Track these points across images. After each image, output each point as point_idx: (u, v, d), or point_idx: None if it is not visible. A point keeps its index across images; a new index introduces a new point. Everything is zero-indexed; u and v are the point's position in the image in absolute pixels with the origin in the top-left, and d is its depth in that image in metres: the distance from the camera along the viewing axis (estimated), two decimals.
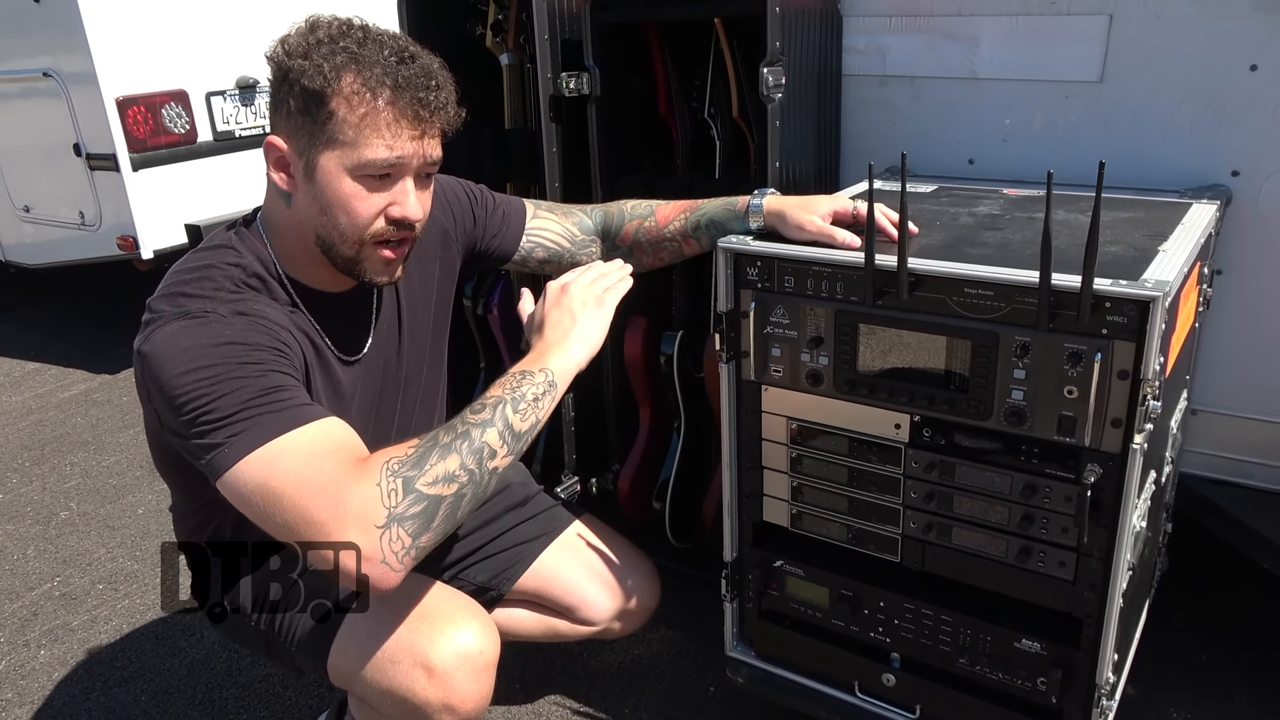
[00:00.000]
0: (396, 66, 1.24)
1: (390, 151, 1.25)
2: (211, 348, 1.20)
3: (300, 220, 1.32)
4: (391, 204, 1.29)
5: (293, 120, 1.26)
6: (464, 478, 1.20)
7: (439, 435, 1.22)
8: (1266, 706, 1.92)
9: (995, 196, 1.77)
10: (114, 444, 3.49)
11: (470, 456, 1.20)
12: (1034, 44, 1.84)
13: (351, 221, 1.28)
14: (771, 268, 1.52)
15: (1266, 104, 1.67)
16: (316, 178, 1.27)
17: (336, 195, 1.27)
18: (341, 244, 1.31)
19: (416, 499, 1.15)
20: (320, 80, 1.22)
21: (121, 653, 2.32)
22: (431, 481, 1.17)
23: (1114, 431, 1.30)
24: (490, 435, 1.23)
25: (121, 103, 3.81)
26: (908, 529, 1.55)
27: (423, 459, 1.18)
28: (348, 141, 1.24)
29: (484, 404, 1.26)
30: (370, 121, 1.23)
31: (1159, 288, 1.21)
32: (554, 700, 2.06)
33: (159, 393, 1.20)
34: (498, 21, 2.20)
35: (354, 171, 1.25)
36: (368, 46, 1.24)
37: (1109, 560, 1.37)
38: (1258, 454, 1.87)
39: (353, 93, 1.22)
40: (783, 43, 1.77)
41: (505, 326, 2.43)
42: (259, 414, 1.17)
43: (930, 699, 1.61)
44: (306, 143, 1.26)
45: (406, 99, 1.24)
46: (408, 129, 1.25)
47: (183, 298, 1.26)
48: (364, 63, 1.23)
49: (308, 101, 1.23)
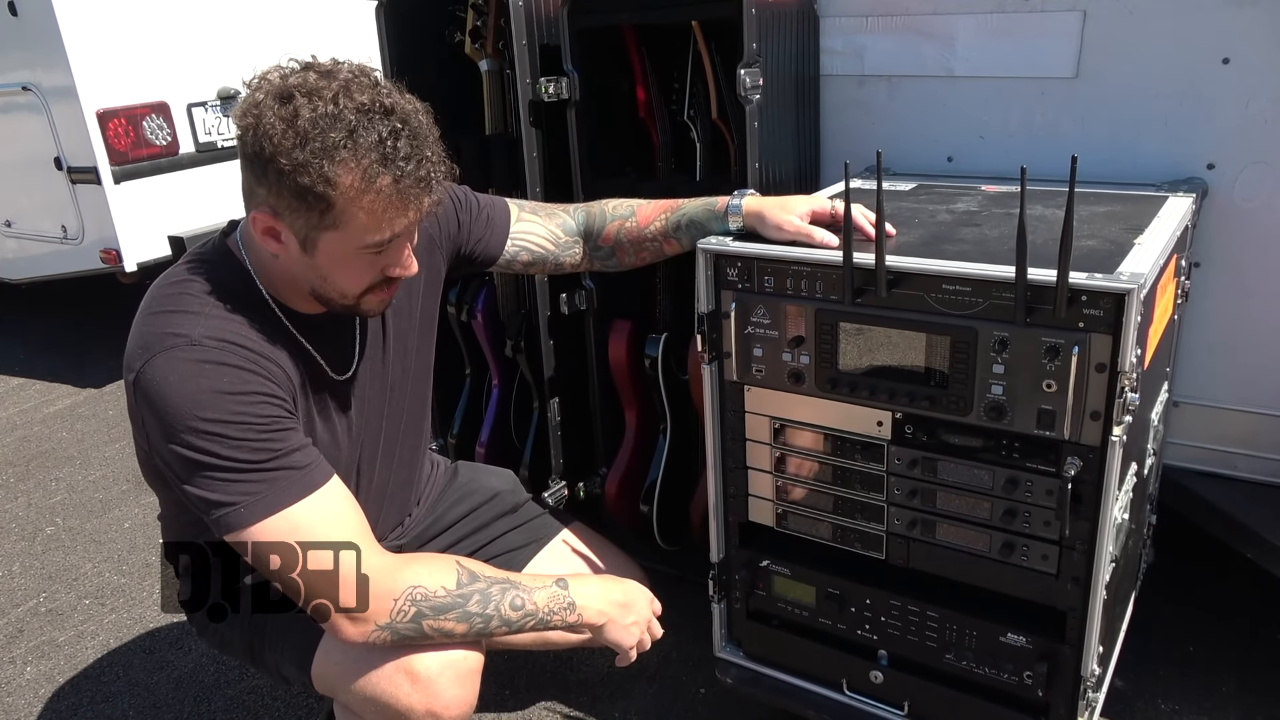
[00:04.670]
0: (392, 147, 1.19)
1: (393, 230, 1.25)
2: (215, 395, 1.22)
3: (290, 270, 1.31)
4: (389, 265, 1.32)
5: (285, 202, 1.21)
6: (459, 636, 1.37)
7: (470, 602, 1.36)
8: (1254, 697, 1.93)
9: (974, 193, 1.78)
10: (99, 458, 3.47)
11: (475, 630, 1.37)
12: (1009, 41, 1.85)
13: (352, 285, 1.31)
14: (751, 268, 1.52)
15: (1239, 97, 1.68)
16: (317, 253, 1.26)
17: (339, 267, 1.28)
18: (340, 299, 1.33)
19: (416, 630, 1.32)
20: (320, 182, 1.17)
21: (109, 667, 2.30)
22: (437, 627, 1.34)
23: (1093, 424, 1.31)
24: (500, 632, 1.39)
25: (102, 115, 3.79)
26: (892, 526, 1.55)
27: (443, 610, 1.34)
28: (347, 227, 1.23)
29: (523, 605, 1.40)
30: (371, 208, 1.21)
31: (1134, 280, 1.22)
32: (545, 706, 2.06)
33: (159, 433, 1.23)
34: (476, 28, 2.20)
35: (359, 250, 1.26)
36: (358, 132, 1.17)
37: (1091, 553, 1.38)
38: (1240, 444, 1.88)
39: (354, 188, 1.19)
40: (760, 44, 1.77)
41: (490, 332, 2.42)
42: (270, 478, 1.24)
43: (918, 695, 1.61)
44: (304, 224, 1.23)
45: (407, 183, 1.21)
46: (408, 213, 1.25)
47: (171, 315, 1.26)
48: (359, 152, 1.17)
49: (304, 195, 1.19)
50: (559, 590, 1.44)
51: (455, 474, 1.85)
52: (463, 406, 2.60)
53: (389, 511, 1.65)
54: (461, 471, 1.86)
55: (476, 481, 1.84)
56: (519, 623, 1.40)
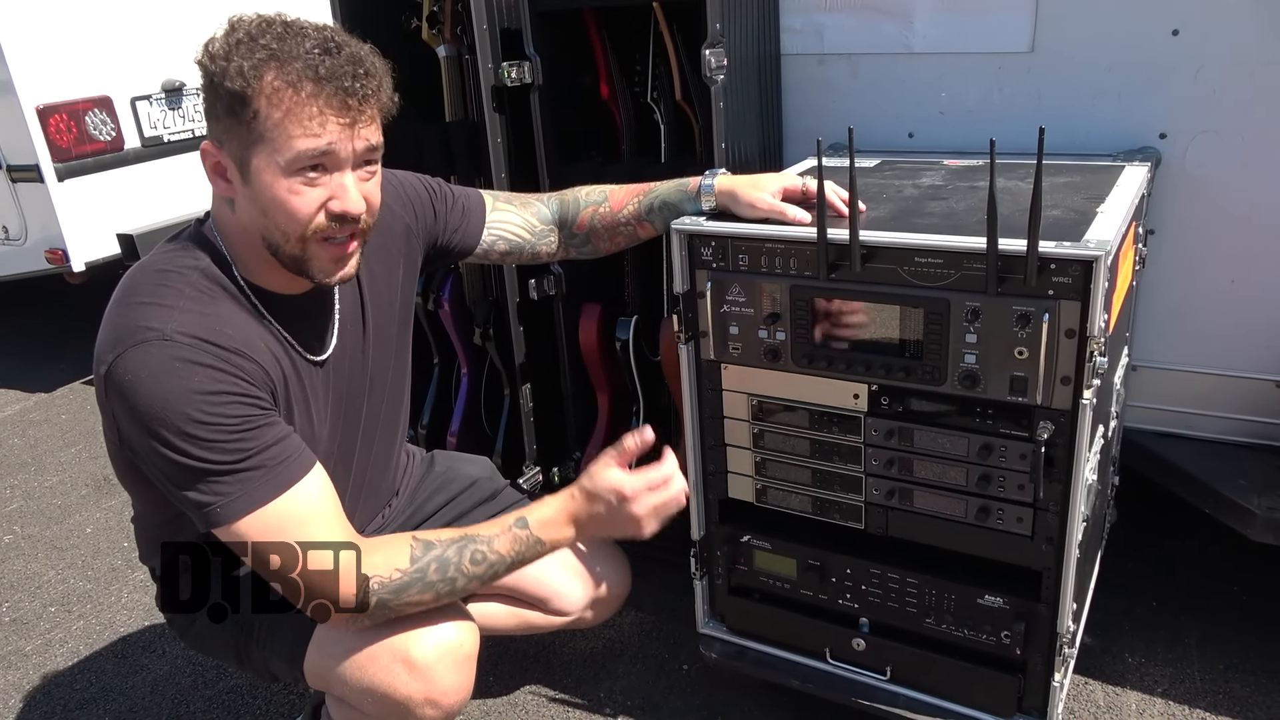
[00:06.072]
0: (320, 57, 1.21)
1: (318, 140, 1.22)
2: (186, 394, 1.20)
3: (246, 225, 1.30)
4: (330, 199, 1.26)
5: (222, 124, 1.24)
6: (431, 603, 1.36)
7: (429, 573, 1.33)
8: (1215, 648, 2.01)
9: (937, 168, 1.82)
10: (55, 464, 3.39)
11: (445, 594, 1.36)
12: (965, 17, 1.88)
13: (291, 220, 1.25)
14: (726, 247, 1.54)
15: (1188, 68, 1.73)
16: (252, 180, 1.24)
17: (274, 195, 1.24)
18: (285, 244, 1.28)
19: (384, 616, 1.33)
20: (241, 81, 1.19)
21: (81, 674, 2.26)
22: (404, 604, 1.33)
23: (1064, 389, 1.35)
24: (471, 584, 1.37)
25: (42, 111, 3.68)
26: (870, 496, 1.59)
27: (403, 589, 1.32)
28: (275, 138, 1.21)
29: (484, 557, 1.37)
30: (294, 115, 1.20)
31: (1100, 247, 1.25)
32: (530, 690, 2.06)
33: (132, 427, 1.22)
34: (433, 13, 2.18)
35: (287, 168, 1.23)
36: (288, 41, 1.21)
37: (1064, 513, 1.42)
38: (1195, 405, 1.95)
39: (274, 90, 1.19)
40: (723, 24, 1.78)
41: (457, 321, 2.41)
42: (241, 479, 1.23)
43: (900, 660, 1.65)
44: (238, 145, 1.23)
45: (331, 88, 1.21)
46: (335, 117, 1.22)
47: (144, 306, 1.24)
48: (284, 57, 1.20)
49: (233, 104, 1.21)
50: (519, 531, 1.40)
51: (432, 463, 1.85)
52: (432, 396, 2.58)
53: (368, 501, 1.64)
54: (438, 461, 1.86)
55: (454, 470, 1.84)
56: (487, 574, 1.38)
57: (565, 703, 2.02)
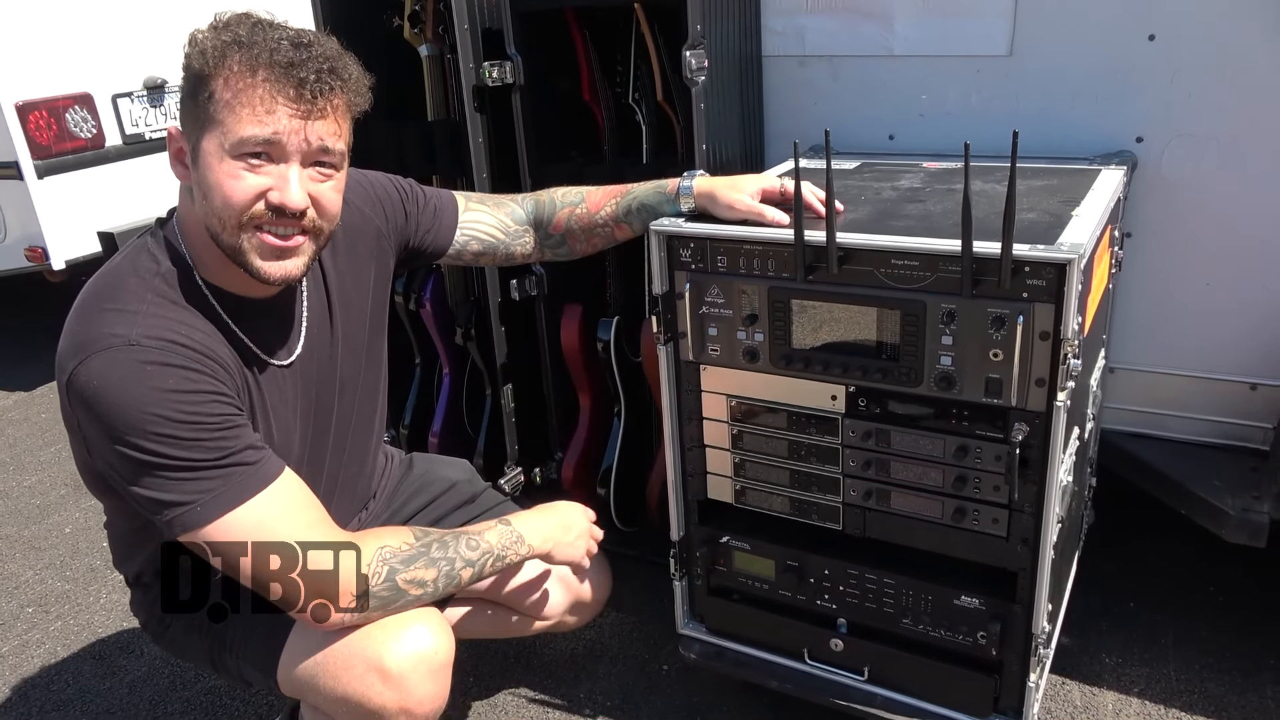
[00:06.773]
0: (286, 49, 1.21)
1: (264, 127, 1.19)
2: (163, 395, 1.19)
3: (198, 215, 1.27)
4: (270, 189, 1.22)
5: (184, 107, 1.25)
6: (432, 583, 1.37)
7: (431, 549, 1.38)
8: (1191, 647, 2.02)
9: (916, 170, 1.82)
10: (34, 463, 3.37)
11: (444, 574, 1.39)
12: (945, 20, 1.89)
13: (226, 203, 1.21)
14: (704, 248, 1.54)
15: (1164, 72, 1.75)
16: (199, 162, 1.23)
17: (213, 178, 1.21)
18: (223, 232, 1.24)
19: (391, 588, 1.33)
20: (202, 62, 1.20)
21: (58, 676, 2.24)
22: (410, 579, 1.35)
23: (1038, 391, 1.36)
24: (466, 573, 1.42)
25: (21, 108, 3.65)
26: (848, 497, 1.59)
27: (411, 560, 1.35)
28: (225, 120, 1.20)
29: (478, 545, 1.44)
30: (245, 98, 1.19)
31: (1074, 250, 1.26)
32: (510, 692, 2.06)
33: (100, 436, 1.20)
34: (415, 12, 2.18)
35: (231, 151, 1.20)
36: (259, 31, 1.22)
37: (1039, 514, 1.43)
38: (1171, 406, 1.96)
39: (232, 73, 1.19)
40: (704, 25, 1.78)
41: (439, 321, 2.41)
42: (224, 474, 1.22)
43: (878, 660, 1.66)
44: (193, 127, 1.23)
45: (287, 77, 1.20)
46: (285, 106, 1.20)
47: (106, 313, 1.22)
48: (249, 44, 1.20)
49: (193, 85, 1.22)
50: (504, 528, 1.49)
51: (411, 466, 1.84)
52: (413, 397, 2.58)
53: (342, 504, 1.63)
54: (417, 463, 1.85)
55: (433, 473, 1.83)
56: (479, 562, 1.43)
57: (545, 703, 2.02)
